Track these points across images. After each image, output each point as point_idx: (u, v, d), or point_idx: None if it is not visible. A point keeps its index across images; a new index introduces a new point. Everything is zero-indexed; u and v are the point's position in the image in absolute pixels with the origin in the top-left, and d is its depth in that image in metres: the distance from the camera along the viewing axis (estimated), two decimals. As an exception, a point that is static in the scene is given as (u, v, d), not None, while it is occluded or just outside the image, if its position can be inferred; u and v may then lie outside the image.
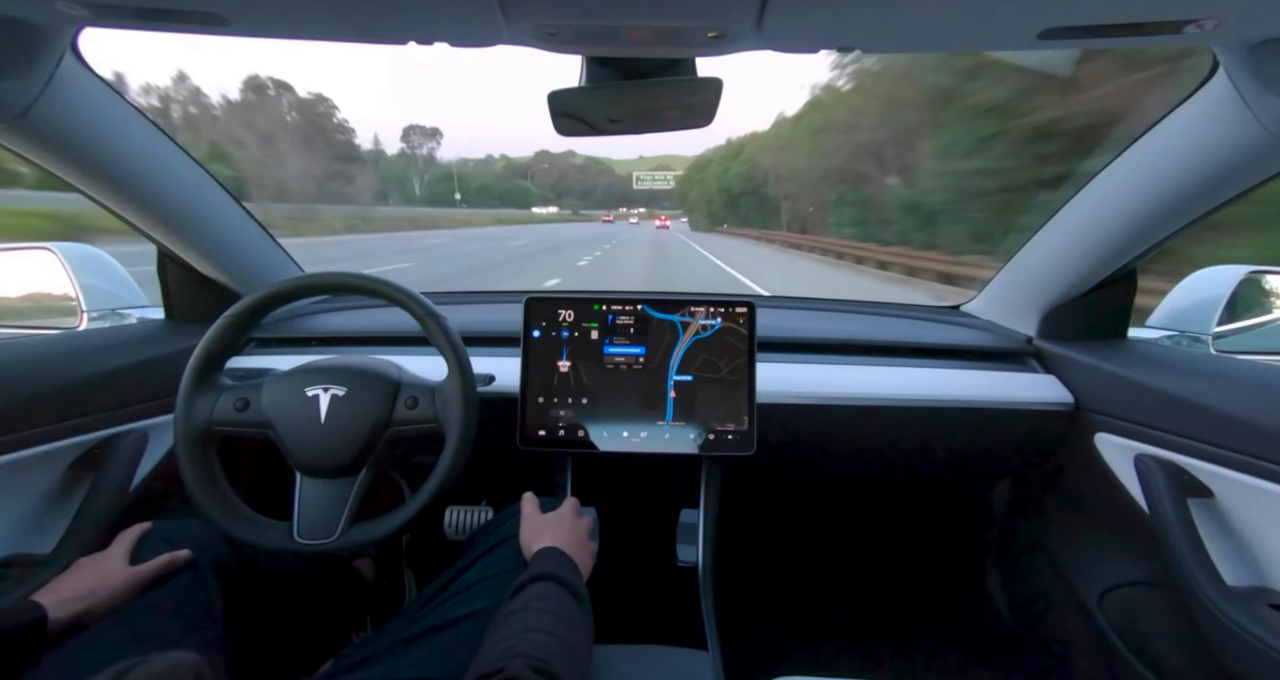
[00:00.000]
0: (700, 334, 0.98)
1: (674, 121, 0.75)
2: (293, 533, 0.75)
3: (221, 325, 0.79)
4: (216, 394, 0.78)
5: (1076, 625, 1.02)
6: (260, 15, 0.58)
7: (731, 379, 0.97)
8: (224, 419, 0.77)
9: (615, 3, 0.52)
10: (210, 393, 0.78)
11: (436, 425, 0.78)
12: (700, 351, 0.97)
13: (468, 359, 0.80)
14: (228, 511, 0.76)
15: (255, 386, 0.79)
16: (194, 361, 0.77)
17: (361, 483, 0.77)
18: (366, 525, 0.76)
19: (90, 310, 1.15)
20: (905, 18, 0.55)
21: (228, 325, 0.79)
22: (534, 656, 0.51)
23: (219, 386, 0.79)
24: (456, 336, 0.80)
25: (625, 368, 0.98)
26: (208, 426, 0.76)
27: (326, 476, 0.77)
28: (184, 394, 0.77)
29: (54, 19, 0.61)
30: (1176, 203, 0.81)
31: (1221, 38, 0.61)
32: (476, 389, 0.79)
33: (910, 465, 1.20)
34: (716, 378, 0.97)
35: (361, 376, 0.79)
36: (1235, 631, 0.70)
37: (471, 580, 0.72)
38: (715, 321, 0.98)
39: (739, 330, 0.97)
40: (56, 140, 0.75)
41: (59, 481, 0.83)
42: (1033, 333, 1.11)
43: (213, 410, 0.77)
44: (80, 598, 0.64)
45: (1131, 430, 0.89)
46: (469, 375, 0.79)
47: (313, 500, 0.77)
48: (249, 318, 0.80)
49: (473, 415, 0.78)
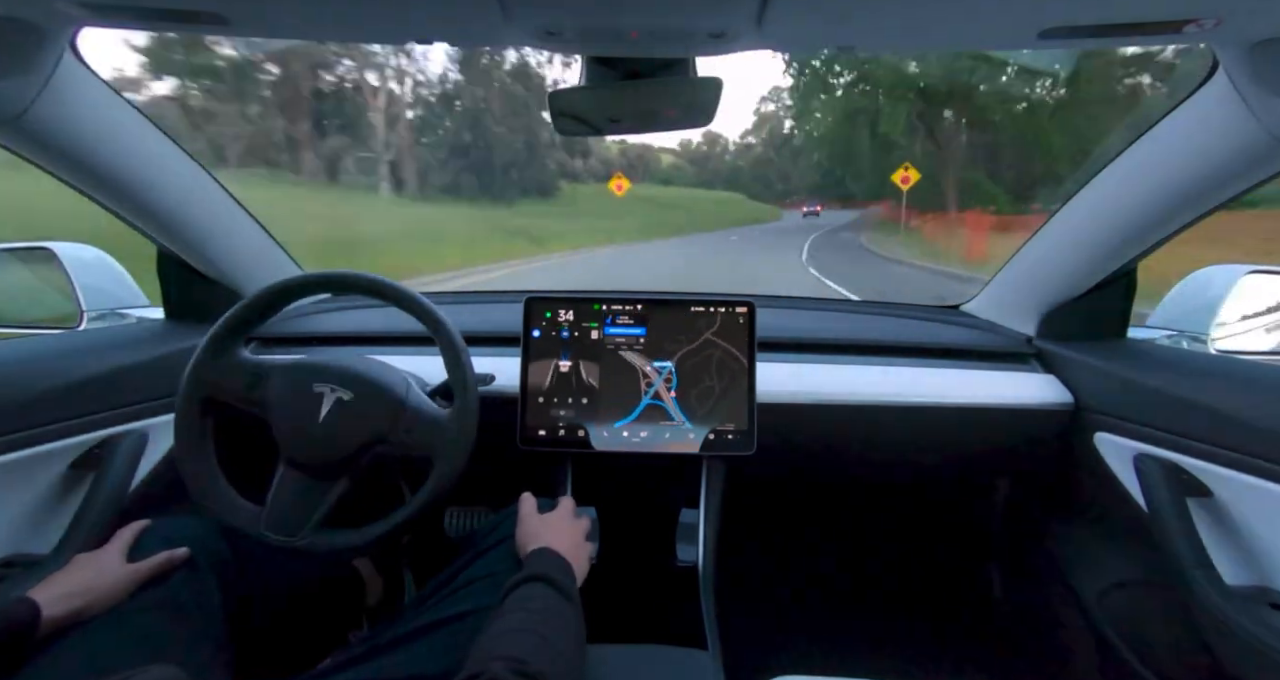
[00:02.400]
0: (700, 333, 0.98)
1: (674, 121, 0.75)
2: (259, 519, 0.76)
3: (260, 294, 0.80)
4: (232, 364, 0.79)
5: (1076, 625, 1.02)
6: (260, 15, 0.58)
7: (732, 379, 0.97)
8: (230, 389, 0.78)
9: (615, 3, 0.52)
10: (226, 359, 0.79)
11: (427, 455, 0.78)
12: (701, 351, 0.97)
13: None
14: (205, 480, 0.76)
15: (269, 368, 0.79)
16: (221, 325, 0.79)
17: (338, 489, 0.77)
18: (334, 533, 0.76)
19: (90, 310, 1.15)
20: (905, 17, 0.55)
21: (265, 295, 0.80)
22: (516, 658, 0.51)
23: (237, 359, 0.80)
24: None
25: (625, 367, 0.98)
26: (212, 393, 0.77)
27: (309, 474, 0.77)
28: (200, 355, 0.77)
29: (53, 18, 0.61)
30: (1176, 202, 0.81)
31: (1221, 38, 0.61)
32: (476, 418, 0.79)
33: (910, 465, 1.20)
34: (717, 377, 0.97)
35: (370, 386, 0.78)
36: (1235, 631, 0.70)
37: (468, 579, 0.72)
38: (715, 321, 0.98)
39: (739, 330, 0.97)
40: (55, 140, 0.75)
41: (59, 481, 0.83)
42: (1032, 332, 1.11)
43: (222, 379, 0.78)
44: (76, 594, 0.64)
45: (1131, 430, 0.89)
46: (472, 394, 0.78)
47: (287, 494, 0.77)
48: (281, 298, 0.82)
49: (466, 450, 0.77)
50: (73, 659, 0.59)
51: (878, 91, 16.64)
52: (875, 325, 1.22)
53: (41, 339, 0.98)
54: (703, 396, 0.97)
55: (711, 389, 0.97)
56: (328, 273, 0.83)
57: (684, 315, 0.98)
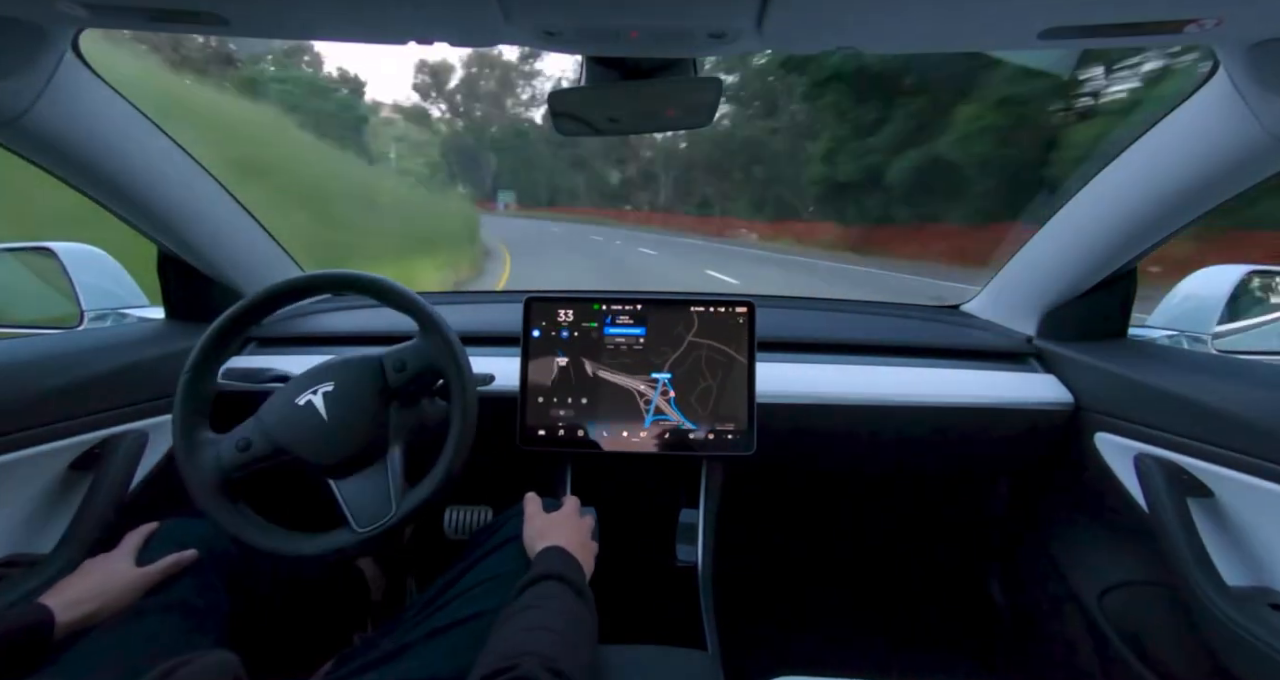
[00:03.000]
0: (700, 333, 0.98)
1: (674, 121, 0.75)
2: (353, 528, 0.73)
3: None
4: (212, 446, 0.75)
5: (1076, 625, 1.02)
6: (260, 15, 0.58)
7: (731, 379, 0.97)
8: (234, 464, 0.74)
9: (615, 3, 0.52)
10: (206, 447, 0.75)
11: (434, 371, 0.78)
12: (700, 351, 0.97)
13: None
14: (281, 540, 0.74)
15: (247, 425, 0.77)
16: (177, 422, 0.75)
17: (394, 458, 0.76)
18: (416, 490, 0.75)
19: (90, 310, 1.15)
20: (905, 17, 0.55)
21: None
22: (545, 655, 0.50)
23: (209, 441, 0.76)
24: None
25: (625, 367, 0.98)
26: (223, 479, 0.74)
27: (358, 470, 0.76)
28: (182, 456, 0.74)
29: (54, 19, 0.61)
30: (1176, 202, 0.81)
31: (1222, 37, 0.61)
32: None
33: (910, 465, 1.20)
34: (716, 378, 0.97)
35: (343, 366, 0.79)
36: (1235, 631, 0.70)
37: (474, 581, 0.72)
38: (715, 321, 0.98)
39: (739, 330, 0.97)
40: (56, 140, 0.75)
41: (59, 481, 0.83)
42: (1032, 332, 1.11)
43: (218, 461, 0.74)
44: (87, 599, 0.64)
45: (1131, 430, 0.89)
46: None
47: (357, 495, 0.75)
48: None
49: (462, 354, 0.77)
50: (85, 663, 0.59)
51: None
52: (875, 325, 1.22)
53: (41, 339, 0.98)
54: (702, 397, 0.97)
55: (711, 389, 0.97)
56: (328, 273, 0.83)
57: (684, 315, 0.98)
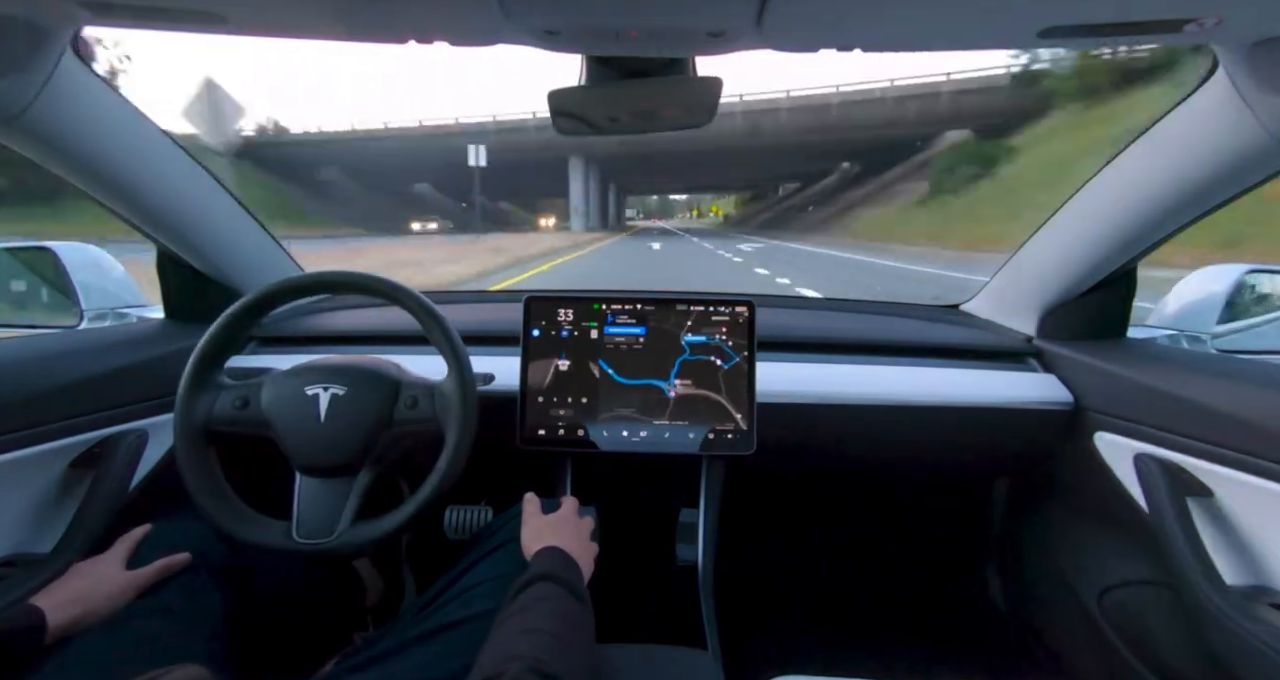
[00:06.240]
0: (700, 333, 0.98)
1: (674, 121, 0.75)
2: (291, 532, 0.75)
3: (222, 323, 0.79)
4: (216, 392, 0.78)
5: (1076, 625, 1.02)
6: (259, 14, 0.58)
7: (731, 378, 0.97)
8: (223, 417, 0.77)
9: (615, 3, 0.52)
10: (210, 391, 0.78)
11: (436, 425, 0.78)
12: (700, 351, 0.97)
13: (467, 358, 0.79)
14: (225, 510, 0.75)
15: (255, 385, 0.79)
16: (194, 360, 0.77)
17: (361, 482, 0.77)
18: (366, 525, 0.76)
19: (90, 310, 1.15)
20: (905, 17, 0.55)
21: (228, 323, 0.79)
22: (532, 657, 0.50)
23: (219, 385, 0.79)
24: (456, 335, 0.80)
25: (625, 367, 0.98)
26: (206, 425, 0.76)
27: (326, 476, 0.77)
28: (183, 392, 0.76)
29: (54, 18, 0.61)
30: (1176, 202, 0.81)
31: (1221, 37, 0.61)
32: (476, 388, 0.79)
33: (909, 465, 1.20)
34: (716, 377, 0.97)
35: (362, 375, 0.79)
36: (1235, 631, 0.70)
37: (473, 582, 0.72)
38: (715, 321, 0.98)
39: (739, 330, 0.97)
40: (56, 139, 0.75)
41: (59, 481, 0.83)
42: (1032, 332, 1.11)
43: (212, 408, 0.77)
44: (76, 601, 0.64)
45: (1131, 429, 0.89)
46: (468, 374, 0.79)
47: (312, 500, 0.76)
48: (249, 315, 0.80)
49: (472, 415, 0.78)
50: (74, 666, 0.59)
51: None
52: (875, 325, 1.22)
53: (41, 339, 0.98)
54: (703, 396, 0.97)
55: (711, 389, 0.97)
56: (326, 273, 0.83)
57: (684, 315, 0.98)
